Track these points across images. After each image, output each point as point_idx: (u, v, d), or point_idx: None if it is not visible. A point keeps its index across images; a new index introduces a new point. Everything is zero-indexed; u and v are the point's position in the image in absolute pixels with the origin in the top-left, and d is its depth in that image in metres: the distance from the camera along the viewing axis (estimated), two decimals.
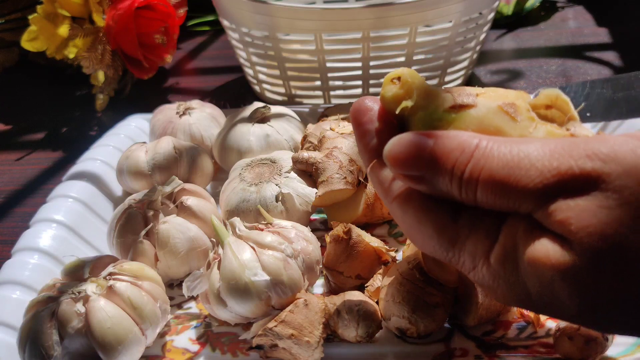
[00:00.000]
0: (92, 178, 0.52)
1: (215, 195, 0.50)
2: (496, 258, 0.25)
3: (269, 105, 0.55)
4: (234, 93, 0.79)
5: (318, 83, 0.67)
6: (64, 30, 0.68)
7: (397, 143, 0.26)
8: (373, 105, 0.30)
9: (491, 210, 0.25)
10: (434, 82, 0.68)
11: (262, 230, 0.41)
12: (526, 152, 0.23)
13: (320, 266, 0.42)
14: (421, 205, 0.27)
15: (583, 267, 0.22)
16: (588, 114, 0.30)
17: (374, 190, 0.30)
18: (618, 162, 0.22)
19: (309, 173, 0.48)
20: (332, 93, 0.68)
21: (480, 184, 0.24)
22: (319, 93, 0.68)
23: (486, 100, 0.27)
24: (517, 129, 0.26)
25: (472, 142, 0.25)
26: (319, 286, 0.44)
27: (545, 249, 0.23)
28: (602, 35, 0.84)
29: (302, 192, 0.47)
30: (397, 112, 0.28)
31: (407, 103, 0.28)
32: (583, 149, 0.22)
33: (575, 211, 0.22)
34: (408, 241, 0.43)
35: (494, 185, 0.24)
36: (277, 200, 0.46)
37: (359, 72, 0.65)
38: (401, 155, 0.26)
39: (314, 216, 0.51)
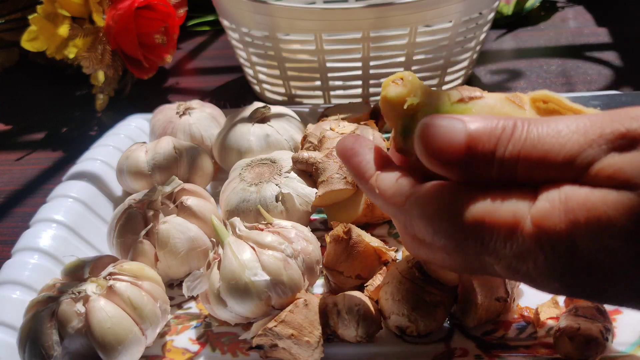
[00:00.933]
0: (92, 178, 0.52)
1: (215, 195, 0.50)
2: (539, 213, 0.23)
3: (269, 105, 0.55)
4: (234, 93, 0.79)
5: (318, 83, 0.67)
6: (64, 30, 0.68)
7: (430, 131, 0.25)
8: (355, 142, 0.31)
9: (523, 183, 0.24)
10: (434, 82, 0.68)
11: (262, 230, 0.41)
12: (564, 124, 0.23)
13: (320, 266, 0.42)
14: (437, 190, 0.26)
15: None
16: None
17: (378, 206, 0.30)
18: None
19: (309, 173, 0.48)
20: (332, 93, 0.68)
21: (522, 158, 0.24)
22: (319, 93, 0.68)
23: (490, 94, 0.27)
24: (526, 116, 0.26)
25: (507, 124, 0.24)
26: (319, 286, 0.44)
27: (602, 194, 0.22)
28: (602, 35, 0.84)
29: (302, 192, 0.47)
30: (405, 107, 0.28)
31: (413, 100, 0.28)
32: (625, 114, 0.23)
33: (625, 161, 0.22)
34: None
35: (537, 156, 0.23)
36: (277, 200, 0.46)
37: (359, 72, 0.65)
38: (437, 144, 0.25)
39: (314, 216, 0.51)
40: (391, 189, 0.29)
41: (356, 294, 0.39)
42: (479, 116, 0.25)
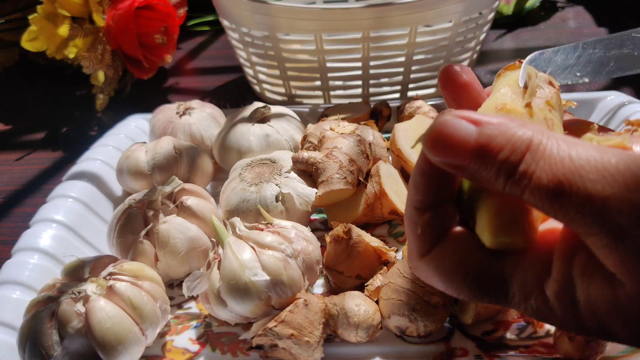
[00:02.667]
0: (92, 178, 0.52)
1: (215, 195, 0.50)
2: (553, 294, 0.23)
3: (269, 105, 0.55)
4: (234, 93, 0.79)
5: (318, 83, 0.67)
6: (64, 30, 0.68)
7: (437, 127, 0.23)
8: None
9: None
10: (434, 82, 0.68)
11: (262, 230, 0.41)
12: (587, 156, 0.20)
13: (320, 266, 0.42)
14: (457, 260, 0.24)
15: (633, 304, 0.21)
16: (578, 74, 0.30)
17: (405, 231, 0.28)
18: None
19: (309, 173, 0.48)
20: (332, 93, 0.68)
21: (532, 184, 0.21)
22: (319, 93, 0.68)
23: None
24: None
25: (525, 136, 0.21)
26: (319, 286, 0.44)
27: (600, 293, 0.21)
28: (602, 35, 0.84)
29: (302, 192, 0.47)
30: None
31: None
32: None
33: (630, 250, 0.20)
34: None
35: (548, 189, 0.21)
36: (277, 200, 0.45)
37: (359, 72, 0.65)
38: (441, 141, 0.23)
39: (314, 216, 0.51)
40: (427, 235, 0.25)
41: (356, 294, 0.39)
42: (500, 119, 0.23)
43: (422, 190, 0.25)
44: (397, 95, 0.68)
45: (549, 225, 0.25)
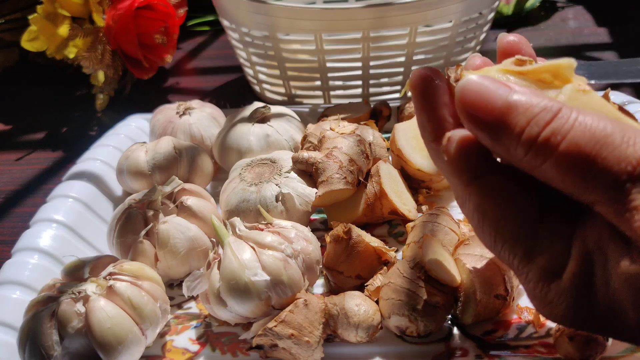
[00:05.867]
0: (92, 178, 0.52)
1: (215, 195, 0.50)
2: (569, 276, 0.23)
3: (269, 105, 0.55)
4: (234, 93, 0.79)
5: (318, 83, 0.67)
6: (64, 30, 0.68)
7: (473, 82, 0.23)
8: (436, 75, 0.27)
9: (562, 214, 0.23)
10: None
11: (262, 230, 0.41)
12: (613, 128, 0.21)
13: (320, 266, 0.42)
14: (506, 196, 0.24)
15: None
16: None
17: (436, 167, 0.28)
18: None
19: (309, 173, 0.48)
20: (332, 93, 0.68)
21: (559, 153, 0.21)
22: (319, 93, 0.68)
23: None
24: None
25: (555, 105, 0.22)
26: (319, 286, 0.44)
27: (616, 266, 0.21)
28: (602, 35, 0.84)
29: (302, 192, 0.47)
30: None
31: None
32: None
33: None
34: (408, 241, 0.43)
35: (577, 157, 0.21)
36: (277, 200, 0.45)
37: (359, 72, 0.65)
38: (475, 95, 0.23)
39: (314, 216, 0.51)
40: (459, 163, 0.25)
41: (356, 294, 0.39)
42: (536, 91, 0.23)
43: (427, 125, 0.27)
44: (397, 95, 0.68)
45: None
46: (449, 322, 0.39)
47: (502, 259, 0.26)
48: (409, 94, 0.68)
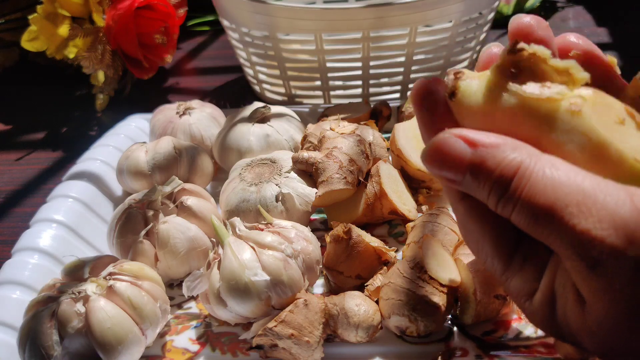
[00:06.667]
0: (92, 178, 0.52)
1: (215, 195, 0.50)
2: (537, 301, 0.25)
3: (269, 105, 0.55)
4: (234, 93, 0.79)
5: (318, 83, 0.67)
6: (64, 30, 0.68)
7: (436, 143, 0.24)
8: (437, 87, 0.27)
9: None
10: None
11: (262, 230, 0.41)
12: (570, 186, 0.21)
13: (320, 266, 0.42)
14: (487, 222, 0.26)
15: (596, 329, 0.22)
16: None
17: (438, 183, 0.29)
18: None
19: (309, 173, 0.48)
20: (332, 93, 0.68)
21: (519, 206, 0.22)
22: (319, 93, 0.68)
23: None
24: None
25: (514, 161, 0.23)
26: (319, 286, 0.44)
27: (573, 312, 0.23)
28: (602, 35, 0.84)
29: (302, 192, 0.47)
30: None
31: None
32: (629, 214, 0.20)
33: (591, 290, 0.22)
34: (408, 241, 0.43)
35: (534, 213, 0.22)
36: (277, 200, 0.45)
37: (359, 72, 0.65)
38: (438, 157, 0.24)
39: (314, 216, 0.51)
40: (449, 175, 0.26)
41: (356, 294, 0.39)
42: (497, 141, 0.23)
43: (425, 138, 0.27)
44: (397, 95, 0.68)
45: None
46: (449, 322, 0.39)
47: (486, 269, 0.28)
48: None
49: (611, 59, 0.28)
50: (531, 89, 0.23)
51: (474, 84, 0.25)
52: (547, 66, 0.24)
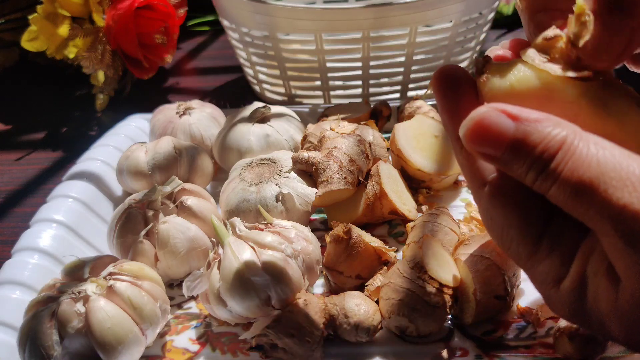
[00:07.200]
0: (92, 178, 0.52)
1: (215, 195, 0.50)
2: (566, 288, 0.24)
3: (269, 105, 0.55)
4: (234, 93, 0.79)
5: (318, 83, 0.67)
6: (64, 30, 0.68)
7: (478, 118, 0.24)
8: (459, 72, 0.27)
9: (574, 223, 0.24)
10: None
11: (262, 230, 0.41)
12: (614, 162, 0.21)
13: (320, 266, 0.42)
14: (513, 204, 0.25)
15: (631, 309, 0.22)
16: None
17: (462, 170, 0.28)
18: None
19: (309, 173, 0.48)
20: (332, 93, 0.68)
21: (560, 181, 0.22)
22: (319, 93, 0.68)
23: None
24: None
25: (559, 136, 0.22)
26: (319, 286, 0.44)
27: (605, 293, 0.23)
28: None
29: (302, 192, 0.47)
30: None
31: None
32: None
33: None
34: (408, 241, 0.43)
35: (574, 188, 0.22)
36: (277, 200, 0.46)
37: (359, 72, 0.65)
38: (480, 132, 0.24)
39: (314, 216, 0.51)
40: (473, 166, 0.27)
41: (356, 294, 0.39)
42: (540, 116, 0.23)
43: (448, 124, 0.27)
44: (397, 95, 0.68)
45: None
46: (449, 322, 0.39)
47: (509, 256, 0.27)
48: (412, 93, 0.68)
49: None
50: (559, 70, 0.24)
51: (504, 65, 0.25)
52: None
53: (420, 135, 0.50)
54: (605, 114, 0.24)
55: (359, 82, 0.66)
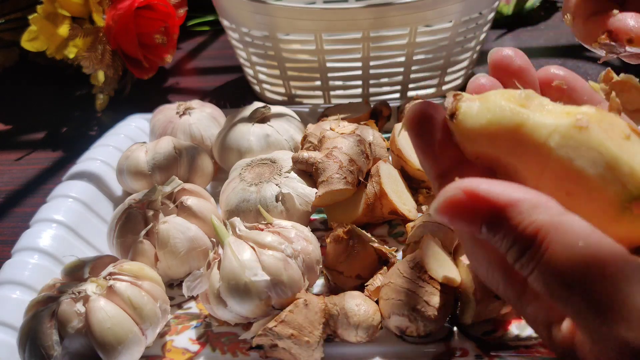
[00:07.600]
0: (92, 178, 0.52)
1: (215, 195, 0.50)
2: (559, 333, 0.23)
3: (269, 105, 0.55)
4: (234, 93, 0.79)
5: (318, 83, 0.67)
6: (64, 30, 0.68)
7: (447, 199, 0.22)
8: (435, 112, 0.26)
9: None
10: (434, 82, 0.68)
11: (262, 230, 0.41)
12: (599, 255, 0.20)
13: (320, 266, 0.42)
14: (496, 249, 0.24)
15: None
16: None
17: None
18: None
19: (309, 173, 0.48)
20: (332, 93, 0.68)
21: (538, 269, 0.21)
22: (319, 93, 0.68)
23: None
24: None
25: (534, 224, 0.21)
26: (319, 286, 0.44)
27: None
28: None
29: (302, 192, 0.47)
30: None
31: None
32: None
33: None
34: (408, 241, 0.43)
35: (553, 276, 0.21)
36: (277, 200, 0.46)
37: (359, 72, 0.65)
38: (452, 212, 0.22)
39: (314, 216, 0.51)
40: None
41: (356, 294, 0.39)
42: (520, 191, 0.22)
43: (424, 164, 0.26)
44: (397, 95, 0.68)
45: None
46: (449, 322, 0.39)
47: (499, 295, 0.26)
48: (412, 93, 0.68)
49: (593, 85, 0.28)
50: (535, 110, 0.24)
51: (474, 105, 0.25)
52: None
53: None
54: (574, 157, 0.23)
55: (359, 82, 0.66)
